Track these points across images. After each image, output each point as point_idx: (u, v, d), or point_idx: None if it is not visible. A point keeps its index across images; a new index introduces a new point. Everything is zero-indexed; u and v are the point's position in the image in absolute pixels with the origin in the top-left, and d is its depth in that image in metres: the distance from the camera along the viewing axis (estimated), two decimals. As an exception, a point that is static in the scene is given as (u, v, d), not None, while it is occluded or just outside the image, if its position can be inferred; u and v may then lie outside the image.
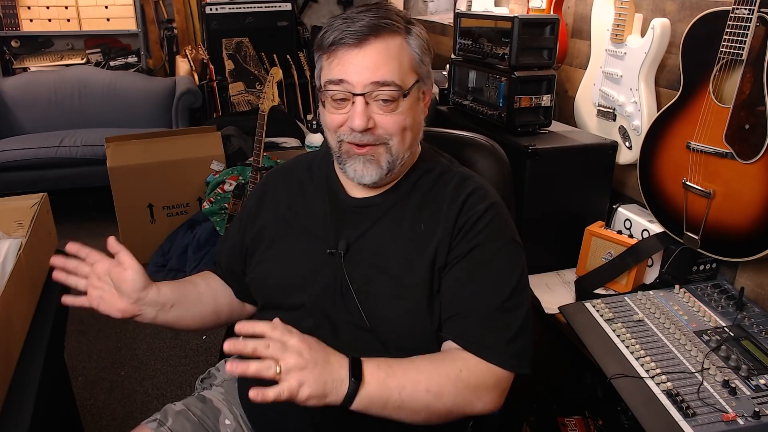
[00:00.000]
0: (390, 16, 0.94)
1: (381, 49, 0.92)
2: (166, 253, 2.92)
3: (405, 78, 0.94)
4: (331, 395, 0.83)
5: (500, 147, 1.29)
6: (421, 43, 0.97)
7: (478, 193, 1.01)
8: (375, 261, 0.99)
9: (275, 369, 0.79)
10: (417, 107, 0.99)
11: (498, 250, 0.97)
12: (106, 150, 2.96)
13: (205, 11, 3.92)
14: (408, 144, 0.99)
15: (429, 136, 1.29)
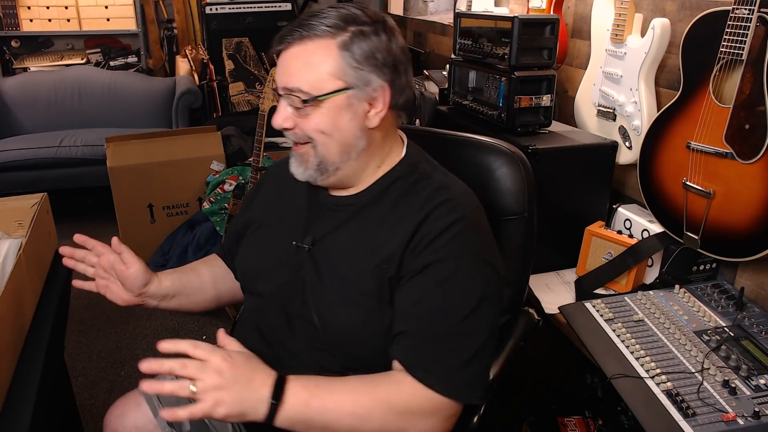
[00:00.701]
0: (322, 18, 0.92)
1: (298, 54, 0.92)
2: (166, 253, 2.92)
3: (321, 85, 0.92)
4: (250, 415, 0.83)
5: (523, 154, 1.24)
6: (363, 50, 0.92)
7: (446, 205, 0.95)
8: (335, 261, 0.99)
9: (190, 389, 0.80)
10: (341, 116, 0.93)
11: (457, 269, 0.92)
12: (106, 150, 2.96)
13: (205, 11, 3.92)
14: (335, 151, 0.96)
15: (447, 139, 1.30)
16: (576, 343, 1.38)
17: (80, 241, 1.11)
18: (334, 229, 1.01)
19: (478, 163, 1.23)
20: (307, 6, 4.59)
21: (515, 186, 1.19)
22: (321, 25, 0.92)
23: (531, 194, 1.20)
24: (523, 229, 1.19)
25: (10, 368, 1.04)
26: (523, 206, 1.19)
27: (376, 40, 0.93)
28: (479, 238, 0.97)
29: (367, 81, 0.93)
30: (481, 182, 1.21)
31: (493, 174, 1.21)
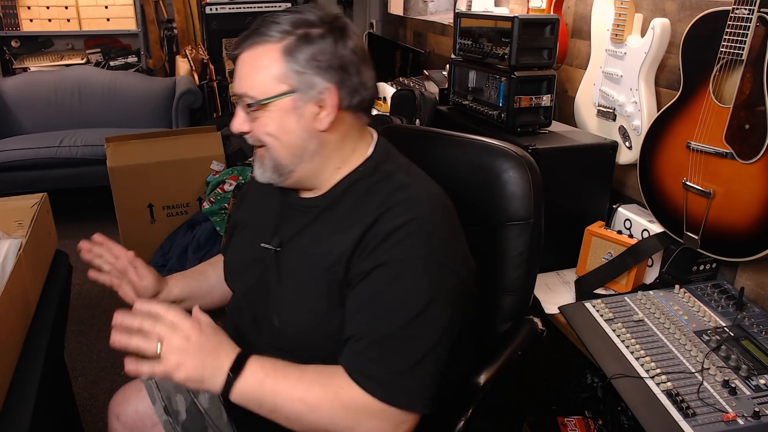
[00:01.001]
0: (268, 24, 0.94)
1: (246, 60, 0.96)
2: (166, 253, 2.92)
3: (266, 89, 0.93)
4: (208, 383, 0.87)
5: (531, 158, 1.20)
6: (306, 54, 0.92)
7: (401, 206, 0.92)
8: (296, 263, 1.00)
9: (156, 346, 0.85)
10: (288, 119, 0.94)
11: (404, 271, 0.89)
12: (106, 150, 2.96)
13: (205, 11, 3.92)
14: (285, 153, 0.96)
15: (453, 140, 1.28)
16: (576, 343, 1.38)
17: (100, 241, 1.17)
18: (299, 231, 1.02)
19: (484, 165, 1.21)
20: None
21: (521, 191, 1.16)
22: (270, 30, 0.94)
23: (537, 200, 1.16)
24: (527, 236, 1.16)
25: (10, 368, 1.04)
26: (528, 212, 1.16)
27: (321, 43, 0.93)
28: (433, 239, 0.92)
29: (311, 84, 0.93)
30: (487, 185, 1.19)
31: (498, 177, 1.18)
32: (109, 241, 1.16)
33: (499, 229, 1.18)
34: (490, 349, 1.14)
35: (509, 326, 1.18)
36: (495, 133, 1.71)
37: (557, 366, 1.72)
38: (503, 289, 1.18)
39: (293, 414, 0.88)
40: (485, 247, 1.20)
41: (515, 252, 1.17)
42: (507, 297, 1.18)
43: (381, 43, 3.85)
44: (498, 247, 1.18)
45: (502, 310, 1.18)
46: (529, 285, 1.19)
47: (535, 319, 1.19)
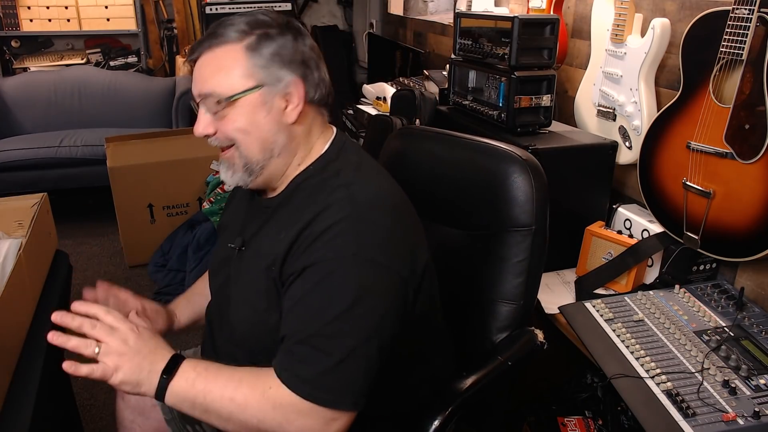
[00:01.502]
0: (226, 26, 0.96)
1: (208, 61, 0.96)
2: (166, 253, 2.92)
3: (233, 86, 0.94)
4: (144, 386, 0.88)
5: (537, 162, 1.18)
6: (269, 50, 0.95)
7: (334, 206, 0.92)
8: (251, 260, 1.03)
9: (94, 349, 0.86)
10: (257, 113, 0.96)
11: (331, 270, 0.88)
12: (106, 150, 2.96)
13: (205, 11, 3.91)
14: (256, 148, 0.97)
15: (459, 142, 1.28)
16: (576, 343, 1.38)
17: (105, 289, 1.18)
18: (258, 230, 1.04)
19: (490, 168, 1.20)
20: (307, 6, 4.59)
21: (523, 196, 1.14)
22: (228, 31, 0.96)
23: (540, 206, 1.14)
24: (528, 243, 1.14)
25: (10, 368, 1.04)
26: (530, 218, 1.14)
27: (281, 39, 0.97)
28: (365, 236, 0.91)
29: (278, 77, 0.96)
30: (492, 189, 1.18)
31: (502, 181, 1.17)
32: (114, 288, 1.17)
33: (501, 235, 1.17)
34: (482, 356, 1.12)
35: (506, 335, 1.15)
36: (495, 133, 1.71)
37: (557, 366, 1.72)
38: (501, 298, 1.16)
39: (224, 413, 0.88)
40: (487, 253, 1.19)
41: (516, 259, 1.15)
42: (505, 306, 1.16)
43: (381, 43, 3.85)
44: (499, 254, 1.17)
45: (499, 318, 1.16)
46: (530, 294, 1.17)
47: (536, 331, 1.16)
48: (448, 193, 1.27)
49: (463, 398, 1.02)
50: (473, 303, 1.20)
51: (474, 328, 1.19)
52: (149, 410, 1.19)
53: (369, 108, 3.02)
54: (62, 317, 0.87)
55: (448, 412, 1.00)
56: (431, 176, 1.29)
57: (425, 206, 1.34)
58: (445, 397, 1.03)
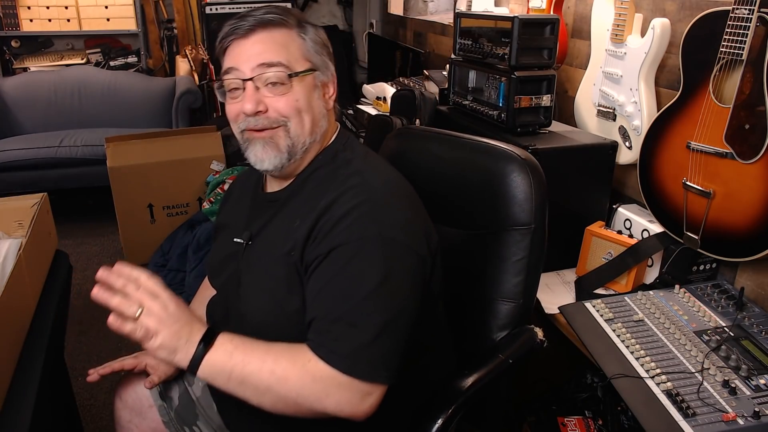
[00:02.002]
0: (279, 12, 1.00)
1: (266, 38, 0.98)
2: (166, 253, 2.92)
3: (294, 62, 0.98)
4: (180, 353, 0.89)
5: (536, 161, 1.19)
6: (316, 39, 1.02)
7: (353, 190, 0.96)
8: (262, 252, 1.04)
9: (136, 310, 0.87)
10: (313, 94, 1.01)
11: (358, 250, 0.91)
12: (106, 150, 2.96)
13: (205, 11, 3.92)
14: (308, 129, 1.00)
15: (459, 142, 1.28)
16: (576, 343, 1.38)
17: None
18: (266, 222, 1.06)
19: (489, 167, 1.20)
20: (307, 6, 4.59)
21: (522, 195, 1.15)
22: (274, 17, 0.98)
23: (539, 205, 1.15)
24: (527, 242, 1.15)
25: (10, 368, 1.04)
26: (529, 217, 1.15)
27: (318, 33, 1.04)
28: (385, 218, 0.95)
29: (326, 65, 1.03)
30: (491, 188, 1.18)
31: (501, 180, 1.17)
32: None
33: (500, 234, 1.17)
34: (483, 354, 1.13)
35: (506, 333, 1.16)
36: (495, 133, 1.71)
37: (557, 366, 1.72)
38: (501, 297, 1.17)
39: (262, 385, 0.88)
40: (487, 252, 1.19)
41: (515, 258, 1.16)
42: (505, 304, 1.16)
43: (381, 43, 3.85)
44: (499, 253, 1.17)
45: (499, 317, 1.17)
46: (530, 293, 1.18)
47: (536, 329, 1.17)
48: (447, 193, 1.27)
49: (465, 396, 1.02)
50: (473, 302, 1.20)
51: (474, 327, 1.20)
52: (146, 411, 1.19)
53: (369, 108, 3.02)
54: (107, 275, 0.88)
55: (451, 410, 1.00)
56: (430, 176, 1.29)
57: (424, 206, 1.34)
58: (447, 395, 1.03)
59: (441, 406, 1.01)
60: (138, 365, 1.17)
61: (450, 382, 1.05)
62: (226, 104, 1.02)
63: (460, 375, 1.06)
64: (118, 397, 1.22)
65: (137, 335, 0.87)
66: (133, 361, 1.17)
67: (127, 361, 1.18)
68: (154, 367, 1.17)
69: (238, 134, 1.03)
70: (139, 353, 1.19)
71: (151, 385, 1.15)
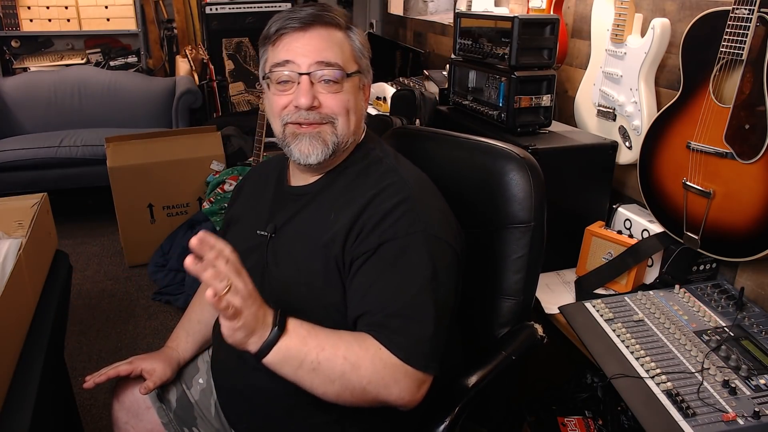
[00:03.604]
0: (332, 11, 1.02)
1: (325, 35, 1.00)
2: (166, 253, 2.92)
3: (347, 63, 1.01)
4: (257, 334, 0.86)
5: (534, 160, 1.20)
6: (361, 40, 1.04)
7: (393, 187, 0.99)
8: (291, 245, 1.04)
9: (225, 286, 0.81)
10: (359, 95, 1.04)
11: (407, 246, 0.94)
12: (106, 150, 2.96)
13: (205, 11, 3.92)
14: (353, 127, 1.03)
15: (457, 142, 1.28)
16: (576, 343, 1.38)
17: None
18: (293, 215, 1.06)
19: (487, 166, 1.21)
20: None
21: (522, 193, 1.16)
22: (329, 16, 1.01)
23: (538, 202, 1.16)
24: (527, 240, 1.16)
25: (10, 368, 1.04)
26: (528, 215, 1.16)
27: (362, 37, 1.05)
28: (426, 215, 0.98)
29: (368, 69, 1.06)
30: (490, 187, 1.19)
31: (500, 179, 1.18)
32: None
33: (500, 232, 1.18)
34: (486, 351, 1.13)
35: (507, 330, 1.17)
36: (495, 133, 1.71)
37: (557, 366, 1.72)
38: (501, 294, 1.17)
39: (336, 372, 0.88)
40: (487, 250, 1.19)
41: (515, 255, 1.16)
42: (505, 301, 1.17)
43: (381, 43, 3.84)
44: (499, 250, 1.18)
45: (500, 314, 1.18)
46: (530, 289, 1.18)
47: (536, 325, 1.17)
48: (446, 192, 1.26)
49: (471, 395, 1.03)
50: (474, 299, 1.21)
51: (475, 324, 1.20)
52: (143, 412, 1.18)
53: (369, 108, 3.01)
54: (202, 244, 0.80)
55: (456, 410, 1.01)
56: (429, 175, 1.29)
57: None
58: (452, 393, 1.04)
59: (447, 405, 1.02)
60: (133, 371, 1.16)
61: (455, 379, 1.06)
62: (272, 96, 1.02)
63: (464, 373, 1.07)
64: (116, 398, 1.22)
65: (229, 311, 0.82)
66: (127, 367, 1.16)
67: (122, 368, 1.17)
68: (149, 371, 1.16)
69: (279, 127, 1.03)
70: (133, 358, 1.18)
71: (146, 390, 1.14)
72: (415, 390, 0.91)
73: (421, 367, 0.90)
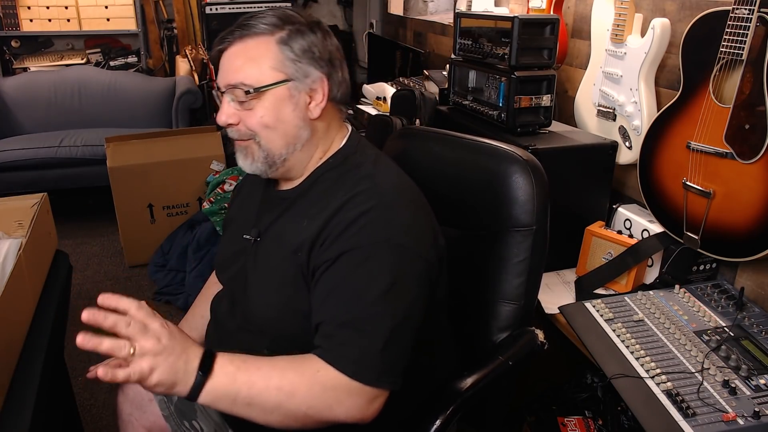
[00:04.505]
0: (260, 19, 0.99)
1: (238, 53, 0.98)
2: (166, 253, 2.92)
3: (262, 78, 0.97)
4: (180, 385, 0.84)
5: (538, 162, 1.18)
6: (300, 45, 0.98)
7: (363, 195, 0.96)
8: (270, 250, 1.05)
9: (129, 350, 0.80)
10: (284, 107, 0.99)
11: (367, 255, 0.92)
12: (106, 150, 2.96)
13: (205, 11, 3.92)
14: (279, 143, 1.00)
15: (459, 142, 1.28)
16: (576, 343, 1.38)
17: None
18: (275, 220, 1.06)
19: (491, 168, 1.20)
20: (307, 6, 4.59)
21: (524, 196, 1.15)
22: (260, 24, 0.98)
23: (541, 206, 1.15)
24: (529, 243, 1.15)
25: (10, 368, 1.04)
26: (530, 218, 1.14)
27: (312, 36, 1.00)
28: (394, 223, 0.95)
29: (306, 73, 0.99)
30: (493, 189, 1.18)
31: (503, 181, 1.17)
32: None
33: (502, 235, 1.17)
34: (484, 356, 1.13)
35: (507, 335, 1.15)
36: (495, 133, 1.71)
37: (557, 366, 1.72)
38: (502, 298, 1.17)
39: (270, 404, 0.86)
40: (488, 253, 1.19)
41: (517, 259, 1.15)
42: (506, 306, 1.16)
43: (381, 43, 3.84)
44: (500, 254, 1.17)
45: (500, 318, 1.17)
46: (531, 294, 1.17)
47: (537, 331, 1.16)
48: (449, 193, 1.27)
49: (464, 398, 1.02)
50: (474, 303, 1.20)
51: (475, 328, 1.20)
52: (146, 404, 1.19)
53: (369, 108, 3.02)
54: (94, 316, 0.80)
55: (449, 411, 1.00)
56: (432, 176, 1.29)
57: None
58: (445, 396, 1.03)
59: (439, 407, 1.01)
60: None
61: (449, 382, 1.05)
62: None
63: (459, 376, 1.06)
64: (120, 390, 1.23)
65: (134, 378, 0.81)
66: None
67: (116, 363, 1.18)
68: None
69: None
70: None
71: None
72: (364, 406, 0.88)
73: (370, 382, 0.88)
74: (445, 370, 1.12)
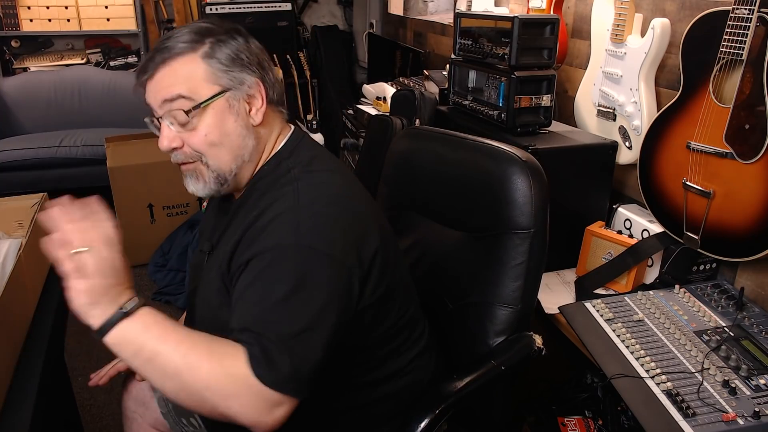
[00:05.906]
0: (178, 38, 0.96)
1: (166, 76, 0.95)
2: (166, 253, 2.92)
3: (199, 93, 0.95)
4: (98, 308, 0.82)
5: (538, 164, 1.17)
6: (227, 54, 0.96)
7: (279, 200, 0.94)
8: (212, 264, 1.04)
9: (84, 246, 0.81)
10: (227, 119, 0.97)
11: (272, 259, 0.89)
12: (106, 150, 2.96)
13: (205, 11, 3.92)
14: (228, 158, 0.98)
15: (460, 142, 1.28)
16: (576, 343, 1.38)
17: None
18: (223, 232, 1.05)
19: (490, 169, 1.19)
20: (307, 6, 4.59)
21: (522, 198, 1.13)
22: (178, 43, 0.95)
23: (539, 208, 1.13)
24: (527, 246, 1.13)
25: (10, 368, 1.04)
26: (529, 221, 1.13)
27: (235, 43, 0.97)
28: (305, 227, 0.91)
29: (240, 80, 0.97)
30: (492, 191, 1.17)
31: (502, 183, 1.16)
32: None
33: (500, 237, 1.16)
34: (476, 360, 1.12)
35: (503, 339, 1.14)
36: (495, 134, 1.71)
37: (557, 366, 1.72)
38: (499, 301, 1.15)
39: (170, 368, 0.82)
40: (487, 255, 1.18)
41: (514, 262, 1.14)
42: (502, 309, 1.15)
43: (381, 43, 3.84)
44: (498, 256, 1.16)
45: (496, 322, 1.15)
46: (529, 298, 1.16)
47: (534, 336, 1.15)
48: (449, 194, 1.27)
49: (451, 401, 1.01)
50: (471, 305, 1.19)
51: (471, 331, 1.18)
52: (149, 402, 1.21)
53: (369, 108, 3.02)
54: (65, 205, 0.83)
55: (434, 415, 0.99)
56: (434, 176, 1.29)
57: (427, 205, 1.34)
58: (432, 398, 1.02)
59: (425, 410, 1.00)
60: None
61: (437, 385, 1.05)
62: None
63: (448, 379, 1.05)
64: (125, 388, 1.25)
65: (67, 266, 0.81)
66: (124, 365, 1.19)
67: (121, 365, 1.21)
68: None
69: None
70: None
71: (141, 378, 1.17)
72: (263, 409, 0.83)
73: (272, 384, 0.82)
74: (423, 370, 1.11)
